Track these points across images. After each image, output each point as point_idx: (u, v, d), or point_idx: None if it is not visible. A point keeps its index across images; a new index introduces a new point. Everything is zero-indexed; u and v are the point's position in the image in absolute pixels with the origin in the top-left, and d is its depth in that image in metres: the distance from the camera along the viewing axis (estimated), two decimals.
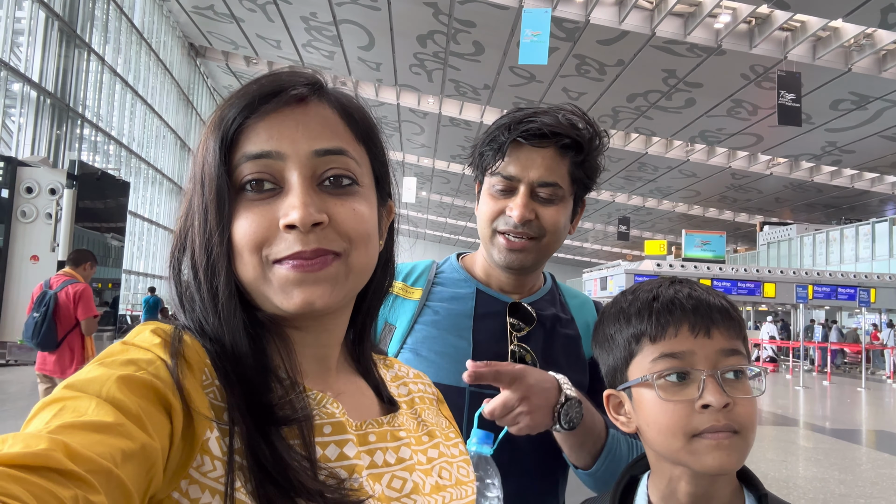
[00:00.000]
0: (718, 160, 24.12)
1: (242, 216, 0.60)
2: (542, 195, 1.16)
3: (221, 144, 0.60)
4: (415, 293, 1.26)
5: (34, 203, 13.70)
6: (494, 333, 1.22)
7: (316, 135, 0.62)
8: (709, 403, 0.80)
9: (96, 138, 19.44)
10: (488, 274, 1.28)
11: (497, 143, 1.16)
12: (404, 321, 1.23)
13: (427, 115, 23.54)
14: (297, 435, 0.56)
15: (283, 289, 0.59)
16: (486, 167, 1.20)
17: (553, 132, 1.14)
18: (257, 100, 0.61)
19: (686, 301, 0.86)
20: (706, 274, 20.30)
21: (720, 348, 0.84)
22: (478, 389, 1.16)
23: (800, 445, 8.19)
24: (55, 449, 0.39)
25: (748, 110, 18.63)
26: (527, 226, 1.15)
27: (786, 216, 31.70)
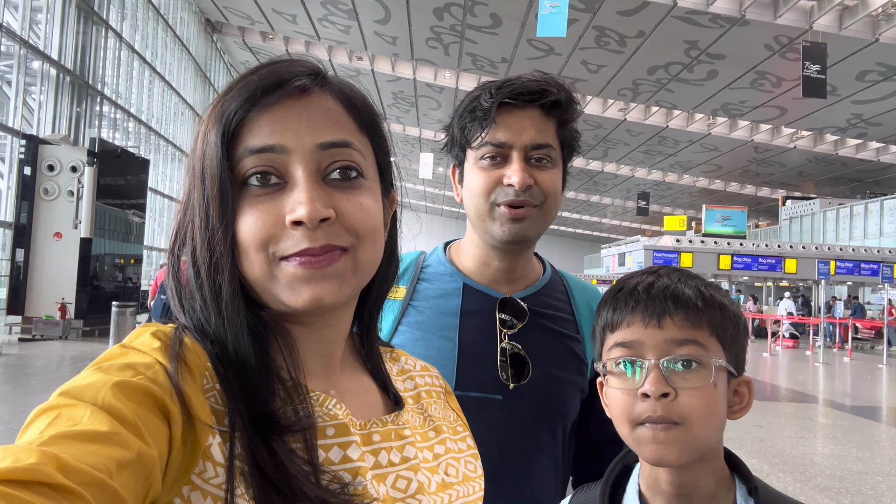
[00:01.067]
0: (741, 133, 23.69)
1: (247, 212, 0.58)
2: (537, 158, 1.10)
3: (223, 138, 0.58)
4: (398, 292, 1.19)
5: (56, 181, 13.88)
6: (482, 332, 1.15)
7: (320, 127, 0.60)
8: (646, 392, 0.81)
9: (115, 115, 19.57)
10: (481, 263, 1.19)
11: (481, 110, 1.10)
12: (388, 323, 1.17)
13: (444, 90, 23.33)
14: (299, 439, 0.56)
15: (291, 286, 0.58)
16: (470, 140, 1.12)
17: (539, 89, 1.10)
18: (259, 91, 0.59)
19: (644, 291, 0.87)
20: (726, 249, 20.09)
21: (670, 338, 0.83)
22: (464, 393, 1.08)
23: (818, 422, 8.15)
24: (46, 463, 0.39)
25: (772, 82, 18.23)
26: (528, 192, 1.08)
27: (809, 190, 31.15)
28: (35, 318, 13.25)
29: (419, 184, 41.06)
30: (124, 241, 16.40)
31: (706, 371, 0.82)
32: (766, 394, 10.09)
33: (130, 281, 16.63)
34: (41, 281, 13.69)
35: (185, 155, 0.65)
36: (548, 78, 1.13)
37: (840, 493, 4.98)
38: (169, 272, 0.63)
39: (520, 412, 1.12)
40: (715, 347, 0.84)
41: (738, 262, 20.02)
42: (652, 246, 19.92)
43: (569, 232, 52.63)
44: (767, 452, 6.15)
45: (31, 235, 13.75)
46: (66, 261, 13.75)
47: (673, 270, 0.91)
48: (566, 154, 1.17)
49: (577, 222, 48.42)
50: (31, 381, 8.43)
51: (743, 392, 0.89)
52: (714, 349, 0.84)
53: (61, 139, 14.55)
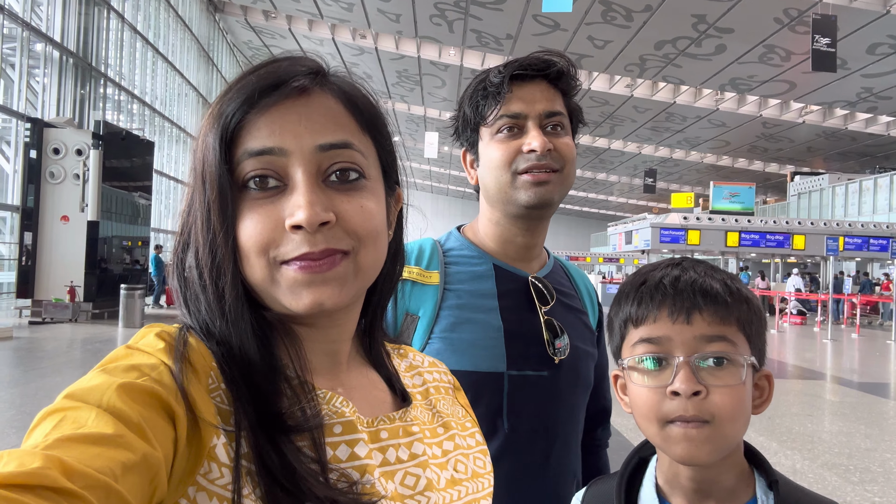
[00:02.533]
0: (749, 109, 23.45)
1: (247, 216, 0.58)
2: (552, 126, 1.16)
3: (221, 141, 0.58)
4: (432, 277, 1.19)
5: (62, 164, 13.89)
6: (521, 311, 1.19)
7: (319, 128, 0.59)
8: (677, 391, 0.79)
9: (119, 97, 19.50)
10: (503, 242, 1.22)
11: (493, 86, 1.15)
12: (428, 309, 1.16)
13: (448, 68, 23.13)
14: (307, 438, 0.55)
15: (292, 290, 0.58)
16: (485, 115, 1.17)
17: (546, 60, 1.16)
18: (257, 93, 0.58)
19: (671, 285, 0.84)
20: (734, 227, 19.99)
21: (700, 334, 0.81)
22: (517, 371, 1.14)
23: (826, 399, 8.15)
24: (50, 466, 0.39)
25: (781, 56, 17.99)
26: (548, 157, 1.13)
27: (817, 166, 30.89)
28: (45, 302, 13.34)
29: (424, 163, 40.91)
30: (131, 224, 16.45)
31: (736, 368, 0.81)
32: (774, 371, 10.07)
33: (138, 263, 16.71)
34: (50, 264, 13.76)
35: (191, 137, 0.64)
36: (550, 51, 1.18)
37: (848, 471, 4.99)
38: (173, 273, 0.63)
39: (561, 386, 1.17)
40: (742, 343, 0.83)
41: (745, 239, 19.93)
42: (659, 224, 19.84)
43: (575, 210, 52.47)
44: (775, 430, 6.16)
45: (38, 219, 13.79)
46: (74, 244, 13.81)
47: (697, 262, 0.89)
48: (574, 124, 1.23)
49: (584, 200, 48.23)
50: (42, 364, 8.51)
51: (763, 386, 0.88)
52: (742, 345, 0.82)
53: (66, 122, 14.54)
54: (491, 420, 1.10)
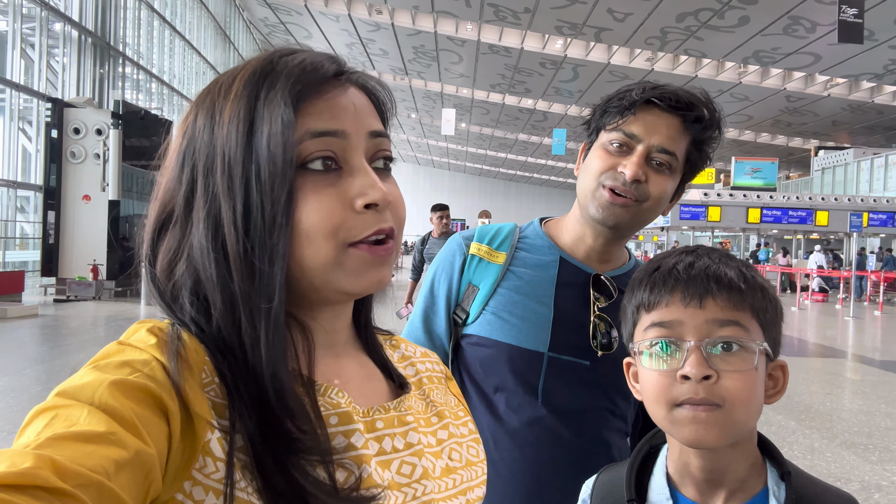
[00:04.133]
0: (773, 82, 22.97)
1: (312, 199, 0.57)
2: (657, 161, 1.15)
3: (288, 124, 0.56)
4: (499, 257, 1.28)
5: (82, 144, 14.03)
6: (576, 302, 1.23)
7: (365, 116, 0.62)
8: (687, 374, 0.78)
9: (138, 76, 19.58)
10: (576, 240, 1.27)
11: (628, 100, 1.15)
12: (487, 284, 1.25)
13: (465, 43, 22.90)
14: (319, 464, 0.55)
15: (357, 270, 0.59)
16: (607, 122, 1.18)
17: (688, 102, 1.14)
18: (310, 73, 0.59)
19: (684, 271, 0.83)
20: (755, 202, 19.73)
21: (712, 318, 0.80)
22: (556, 355, 1.20)
23: (846, 377, 8.08)
24: (42, 466, 0.39)
25: (806, 28, 17.54)
26: (634, 186, 1.14)
27: (842, 140, 30.26)
28: (68, 280, 13.58)
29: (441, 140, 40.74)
30: None
31: (748, 354, 0.80)
32: (794, 349, 10.01)
33: None
34: (72, 243, 13.98)
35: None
36: (702, 96, 1.17)
37: (867, 450, 4.95)
38: (147, 271, 0.61)
39: (603, 378, 1.21)
40: (756, 330, 0.82)
41: (767, 216, 19.68)
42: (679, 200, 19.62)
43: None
44: (794, 408, 6.12)
45: (60, 198, 13.99)
46: (96, 223, 14.00)
47: (711, 250, 0.88)
48: (687, 170, 1.21)
49: None
50: (66, 341, 8.70)
51: (777, 376, 0.87)
52: (755, 331, 0.82)
53: (86, 102, 14.65)
54: (527, 391, 1.20)
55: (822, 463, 4.62)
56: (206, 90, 0.62)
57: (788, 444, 5.00)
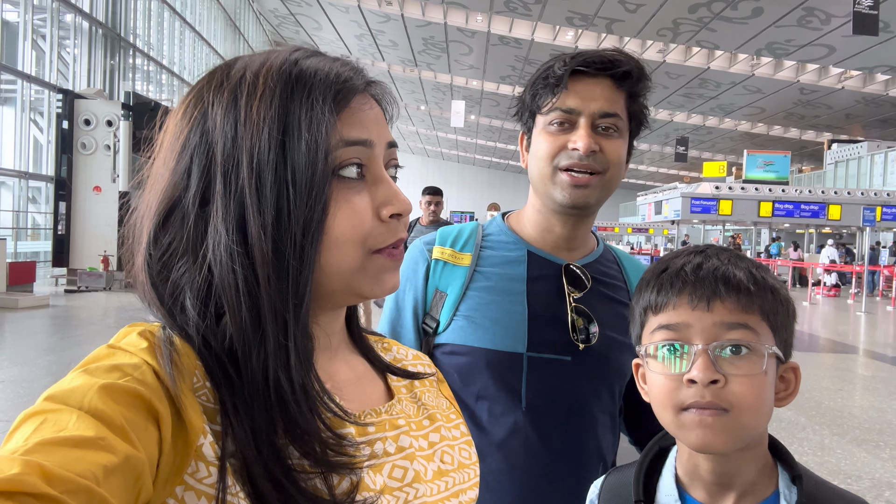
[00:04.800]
0: (786, 74, 22.73)
1: (343, 206, 0.58)
2: (604, 127, 1.14)
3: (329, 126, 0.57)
4: (464, 259, 1.23)
5: (93, 135, 14.09)
6: (549, 296, 1.20)
7: (384, 126, 0.65)
8: (694, 378, 0.77)
9: (148, 68, 19.62)
10: (542, 231, 1.24)
11: (554, 77, 1.14)
12: (455, 288, 1.21)
13: (475, 34, 22.78)
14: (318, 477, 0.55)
15: (377, 276, 0.62)
16: (540, 105, 1.17)
17: (612, 59, 1.14)
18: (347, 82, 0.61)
19: (692, 272, 0.82)
20: (767, 196, 19.57)
21: (720, 321, 0.79)
22: (536, 354, 1.16)
23: (857, 373, 8.01)
24: (29, 472, 0.38)
25: (820, 19, 17.32)
26: (591, 157, 1.12)
27: (856, 133, 29.92)
28: (79, 270, 13.67)
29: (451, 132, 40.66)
30: None
31: (757, 358, 0.78)
32: (805, 344, 9.94)
33: None
34: (83, 234, 14.07)
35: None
36: (620, 51, 1.17)
37: (878, 447, 4.91)
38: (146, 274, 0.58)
39: (586, 372, 1.18)
40: (766, 333, 0.80)
41: (779, 209, 19.51)
42: (690, 193, 19.51)
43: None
44: (804, 405, 6.08)
45: (71, 189, 14.07)
46: (107, 214, 14.07)
47: (721, 250, 0.86)
48: (633, 127, 1.20)
49: None
50: (77, 332, 8.76)
51: (789, 378, 0.85)
52: (765, 335, 0.80)
53: (96, 93, 14.70)
54: (510, 396, 1.15)
55: (832, 460, 4.58)
56: (217, 82, 0.59)
57: (798, 441, 4.97)
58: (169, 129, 0.61)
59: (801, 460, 0.86)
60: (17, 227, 15.83)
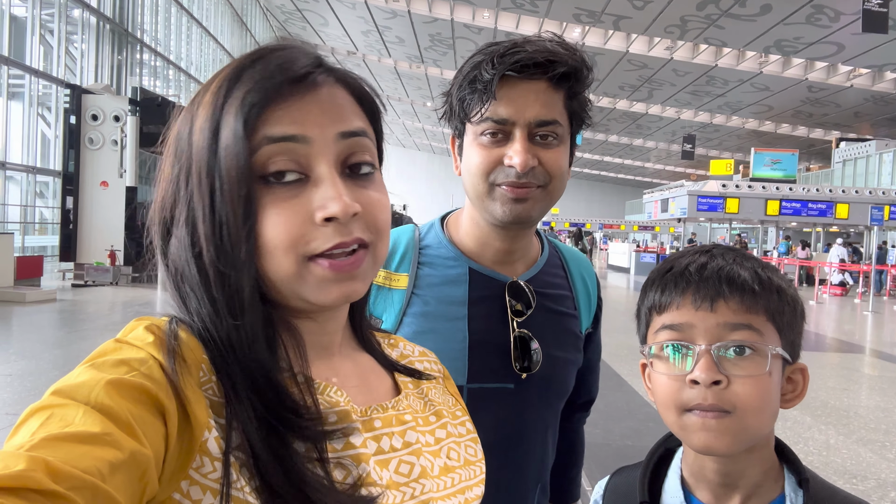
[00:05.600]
0: (794, 72, 22.61)
1: (271, 211, 0.55)
2: (542, 136, 1.01)
3: (245, 127, 0.54)
4: (400, 280, 1.12)
5: (100, 130, 14.13)
6: (492, 319, 1.09)
7: (336, 116, 0.59)
8: (696, 379, 0.76)
9: (155, 63, 19.67)
10: (481, 245, 1.13)
11: (481, 82, 0.99)
12: (392, 315, 1.10)
13: (482, 31, 22.74)
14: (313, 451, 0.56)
15: (321, 286, 0.57)
16: (469, 114, 1.03)
17: (548, 60, 0.98)
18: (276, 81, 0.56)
19: (696, 272, 0.81)
20: (774, 194, 19.48)
21: (723, 322, 0.78)
22: (477, 385, 1.07)
23: (864, 373, 7.97)
24: (35, 468, 0.38)
25: (829, 17, 17.22)
26: (530, 174, 1.00)
27: (864, 132, 29.75)
28: (86, 265, 13.73)
29: None
30: None
31: (761, 359, 0.78)
32: (811, 343, 9.90)
33: None
34: (91, 229, 14.13)
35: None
36: (557, 45, 1.02)
37: (884, 447, 4.89)
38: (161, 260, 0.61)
39: (529, 397, 1.11)
40: (771, 334, 0.80)
41: (786, 208, 19.42)
42: (697, 191, 19.44)
43: (610, 177, 51.69)
44: (810, 404, 6.06)
45: (79, 184, 14.12)
46: (114, 209, 14.12)
47: (727, 250, 0.86)
48: (574, 128, 1.08)
49: (619, 167, 47.44)
50: (84, 326, 8.80)
51: (797, 379, 0.84)
52: (770, 335, 0.79)
53: (104, 88, 14.74)
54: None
55: (837, 459, 4.57)
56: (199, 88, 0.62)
57: (804, 441, 4.95)
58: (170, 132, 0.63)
59: (807, 460, 0.86)
60: (24, 221, 15.91)
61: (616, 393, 5.90)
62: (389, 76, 32.90)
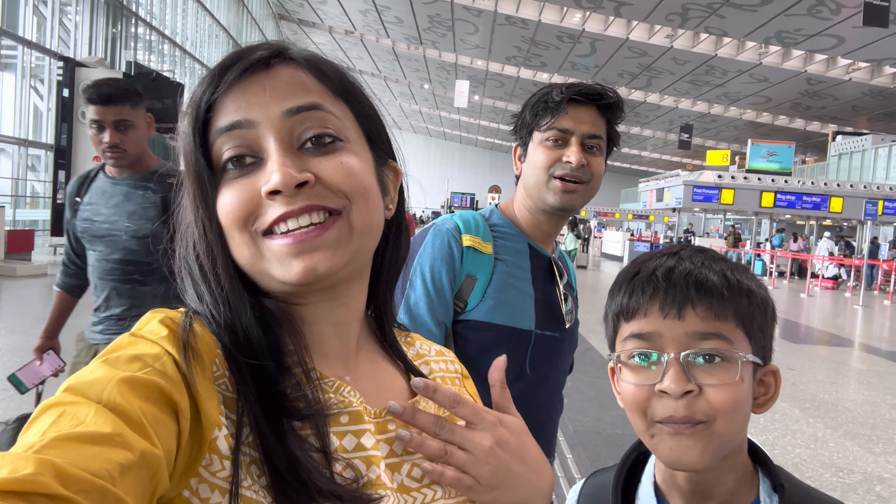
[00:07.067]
0: (793, 64, 22.55)
1: (224, 194, 0.58)
2: (590, 146, 1.40)
3: (194, 126, 0.59)
4: (487, 247, 1.44)
5: None
6: (545, 283, 1.48)
7: (285, 95, 0.59)
8: (666, 390, 0.74)
9: (150, 37, 19.42)
10: (533, 227, 1.49)
11: (553, 102, 1.39)
12: (485, 273, 1.41)
13: (482, 13, 22.54)
14: (311, 427, 0.56)
15: (281, 261, 0.57)
16: (540, 124, 1.41)
17: (600, 93, 1.40)
18: (218, 73, 0.59)
19: (664, 277, 0.79)
20: (770, 186, 19.52)
21: (692, 330, 0.75)
22: (541, 331, 1.42)
23: (852, 367, 8.04)
24: (43, 472, 0.38)
25: (831, 9, 17.14)
26: (580, 170, 1.38)
27: (861, 126, 29.77)
28: None
29: (454, 112, 40.40)
30: None
31: (731, 366, 0.75)
32: (801, 336, 9.97)
33: None
34: None
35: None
36: (606, 86, 1.42)
37: (871, 441, 4.93)
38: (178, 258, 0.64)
39: (565, 346, 1.51)
40: (740, 339, 0.77)
41: (781, 200, 19.48)
42: (692, 181, 19.45)
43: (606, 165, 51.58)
44: (799, 397, 6.10)
45: (71, 158, 13.98)
46: None
47: (696, 252, 0.83)
48: (610, 147, 1.47)
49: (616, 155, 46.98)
50: None
51: (769, 382, 0.82)
52: (739, 342, 0.77)
53: (97, 62, 14.55)
54: (519, 366, 1.40)
55: (825, 453, 4.60)
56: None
57: (792, 433, 4.98)
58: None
59: (794, 452, 0.84)
60: (15, 194, 15.77)
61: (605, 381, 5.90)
62: (387, 57, 32.63)
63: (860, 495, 3.90)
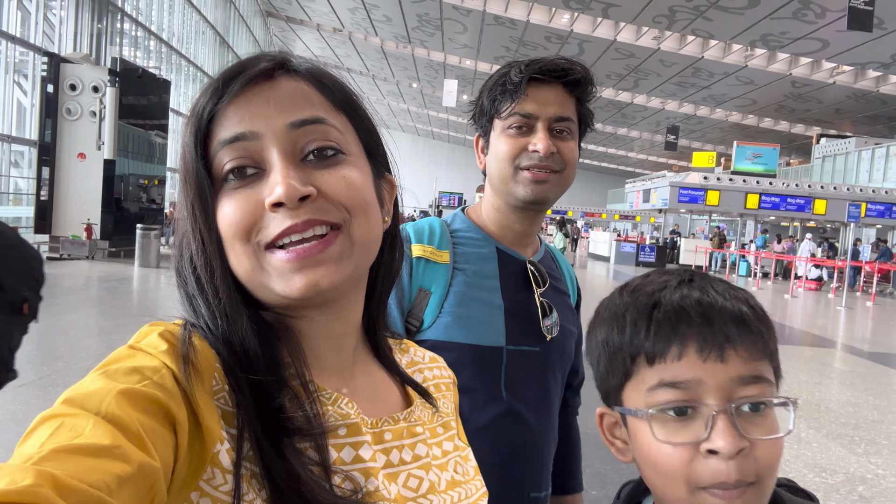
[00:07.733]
0: (779, 67, 22.77)
1: (225, 205, 0.58)
2: (559, 130, 1.22)
3: (196, 136, 0.58)
4: (444, 256, 1.27)
5: (78, 100, 13.84)
6: (518, 291, 1.28)
7: (288, 108, 0.59)
8: (716, 449, 0.62)
9: (136, 33, 19.25)
10: (503, 228, 1.31)
11: (511, 84, 1.22)
12: (440, 286, 1.24)
13: (471, 13, 22.56)
14: (310, 441, 0.55)
15: (282, 275, 0.57)
16: (499, 110, 1.24)
17: (564, 68, 1.21)
18: (222, 83, 0.59)
19: (694, 311, 0.66)
20: (755, 188, 19.69)
21: (737, 375, 0.64)
22: (514, 347, 1.23)
23: (835, 368, 8.15)
24: (42, 483, 0.38)
25: (816, 13, 17.33)
26: (550, 159, 1.20)
27: (845, 128, 30.12)
28: (62, 238, 13.51)
29: (442, 111, 40.39)
30: (147, 162, 16.46)
31: (771, 411, 0.65)
32: (784, 337, 10.07)
33: (154, 202, 16.79)
34: (67, 201, 13.88)
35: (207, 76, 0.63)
36: (569, 59, 1.24)
37: (853, 442, 5.00)
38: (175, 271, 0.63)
39: (550, 361, 1.29)
40: (771, 377, 0.67)
41: (765, 202, 19.67)
42: (678, 182, 19.59)
43: (593, 165, 51.85)
44: None
45: (55, 155, 13.83)
46: (91, 181, 13.88)
47: (707, 278, 0.72)
48: (582, 129, 1.29)
49: (602, 155, 47.59)
50: (59, 301, 8.66)
51: None
52: (772, 381, 0.67)
53: (83, 58, 14.41)
54: (491, 388, 1.22)
55: (808, 453, 4.66)
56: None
57: None
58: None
59: None
60: None
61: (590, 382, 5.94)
62: (375, 55, 32.55)
63: (842, 495, 3.96)
